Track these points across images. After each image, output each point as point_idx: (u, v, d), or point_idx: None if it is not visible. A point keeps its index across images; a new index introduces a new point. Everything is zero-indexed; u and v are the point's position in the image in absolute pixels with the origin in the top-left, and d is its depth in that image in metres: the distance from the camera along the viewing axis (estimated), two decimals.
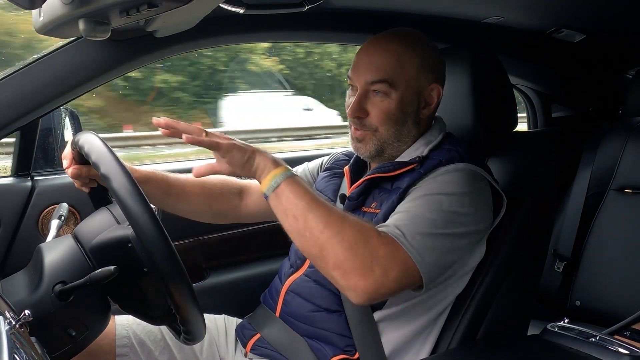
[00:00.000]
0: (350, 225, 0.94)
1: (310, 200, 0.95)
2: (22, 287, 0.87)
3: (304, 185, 0.97)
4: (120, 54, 1.24)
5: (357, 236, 0.92)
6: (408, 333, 1.09)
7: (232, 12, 1.25)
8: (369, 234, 0.94)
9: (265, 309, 1.24)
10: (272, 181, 0.95)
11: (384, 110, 1.09)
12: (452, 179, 1.03)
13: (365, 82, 1.10)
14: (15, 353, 0.61)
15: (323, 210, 0.94)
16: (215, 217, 1.34)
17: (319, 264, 0.96)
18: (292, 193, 0.95)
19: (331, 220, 0.93)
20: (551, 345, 1.03)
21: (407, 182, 1.07)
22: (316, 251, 0.93)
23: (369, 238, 0.93)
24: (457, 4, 1.49)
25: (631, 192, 1.80)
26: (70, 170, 1.08)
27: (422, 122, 1.15)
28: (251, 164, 0.97)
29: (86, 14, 0.84)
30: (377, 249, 0.93)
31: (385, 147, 1.13)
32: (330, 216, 0.94)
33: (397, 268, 0.93)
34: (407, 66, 1.09)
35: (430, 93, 1.13)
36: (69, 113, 1.49)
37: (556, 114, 2.26)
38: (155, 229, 0.78)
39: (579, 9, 1.63)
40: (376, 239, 0.93)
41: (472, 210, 1.02)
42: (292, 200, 0.94)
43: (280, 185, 0.95)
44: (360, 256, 0.91)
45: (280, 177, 0.95)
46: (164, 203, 1.24)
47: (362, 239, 0.93)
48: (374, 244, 0.93)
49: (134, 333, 1.21)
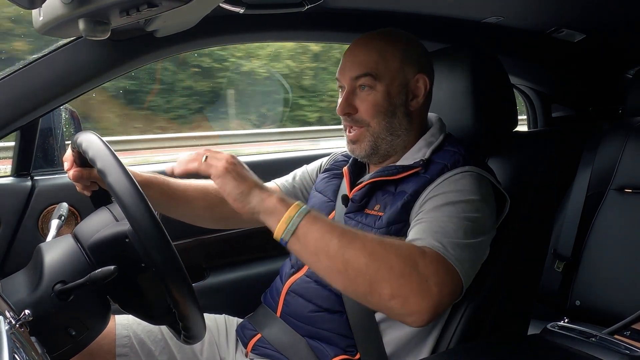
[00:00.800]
0: (393, 250, 0.88)
1: (341, 235, 0.87)
2: (22, 287, 0.87)
3: (325, 218, 0.90)
4: (120, 54, 1.24)
5: (404, 260, 0.87)
6: (409, 333, 1.09)
7: (232, 12, 1.24)
8: (414, 253, 0.90)
9: (266, 309, 1.24)
10: (289, 224, 0.85)
11: (372, 103, 1.11)
12: (463, 187, 1.03)
13: (351, 79, 1.12)
14: (15, 353, 0.61)
15: (359, 242, 0.87)
16: (216, 222, 1.34)
17: (371, 300, 0.88)
18: (318, 232, 0.86)
19: (372, 250, 0.87)
20: (551, 345, 1.03)
21: (413, 187, 1.07)
22: (365, 287, 0.86)
23: (415, 258, 0.89)
24: (457, 4, 1.49)
25: (631, 192, 1.80)
26: (71, 173, 1.08)
27: (414, 115, 1.16)
28: (247, 201, 0.87)
29: (86, 13, 0.84)
30: (427, 267, 0.89)
31: (379, 143, 1.14)
32: (369, 245, 0.87)
33: (449, 281, 0.91)
34: (390, 58, 1.12)
35: (416, 84, 1.14)
36: (69, 113, 1.50)
37: (556, 114, 2.27)
38: (151, 221, 0.77)
39: (579, 9, 1.63)
40: (422, 258, 0.89)
41: (487, 214, 1.03)
42: (321, 240, 0.86)
43: (301, 226, 0.86)
44: (415, 279, 0.87)
45: (297, 218, 0.86)
46: (166, 208, 1.24)
47: (410, 261, 0.88)
48: (423, 263, 0.89)
49: (134, 333, 1.21)
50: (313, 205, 1.27)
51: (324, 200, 1.24)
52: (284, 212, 0.86)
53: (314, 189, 1.31)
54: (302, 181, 1.38)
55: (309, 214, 0.87)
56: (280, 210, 0.86)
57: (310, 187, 1.36)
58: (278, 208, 0.87)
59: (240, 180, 0.87)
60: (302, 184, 1.37)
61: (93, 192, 1.12)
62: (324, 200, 1.24)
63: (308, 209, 0.88)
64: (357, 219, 1.12)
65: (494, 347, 1.09)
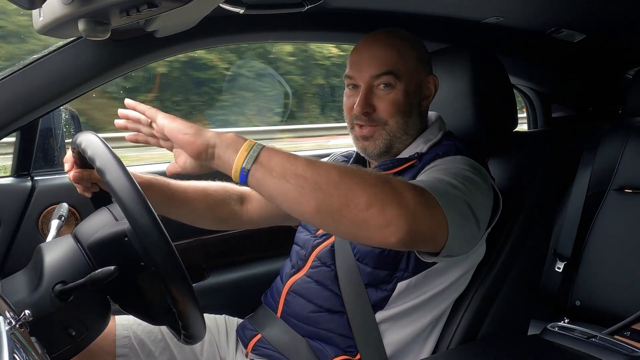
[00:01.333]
0: (365, 170, 0.84)
1: (306, 158, 0.81)
2: (22, 287, 0.87)
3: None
4: (120, 54, 1.24)
5: (375, 175, 0.82)
6: (410, 334, 1.09)
7: (232, 12, 1.24)
8: (389, 176, 0.84)
9: (266, 309, 1.24)
10: (250, 151, 0.80)
11: (392, 102, 1.10)
12: (457, 162, 1.01)
13: (370, 77, 1.10)
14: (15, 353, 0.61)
15: (327, 164, 0.82)
16: (217, 223, 1.34)
17: (347, 214, 0.79)
18: (282, 156, 0.80)
19: (341, 166, 0.82)
20: (551, 345, 1.03)
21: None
22: (341, 199, 0.79)
23: (387, 176, 0.84)
24: (457, 4, 1.49)
25: (631, 192, 1.80)
26: (72, 174, 1.08)
27: (423, 114, 1.17)
28: (200, 134, 0.82)
29: (86, 14, 0.84)
30: (399, 183, 0.84)
31: (394, 142, 1.13)
32: (339, 165, 0.82)
33: (425, 205, 0.83)
34: (408, 58, 1.11)
35: (428, 85, 1.16)
36: (68, 113, 1.49)
37: (556, 114, 2.27)
38: (149, 218, 0.77)
39: (579, 9, 1.63)
40: (398, 181, 0.84)
41: (483, 190, 0.98)
42: (287, 161, 0.79)
43: (263, 152, 0.80)
44: (389, 189, 0.81)
45: (257, 146, 0.81)
46: (166, 209, 1.24)
47: (382, 177, 0.83)
48: (394, 180, 0.84)
49: (134, 333, 1.21)
50: None
51: None
52: (242, 142, 0.81)
53: None
54: None
55: (268, 145, 0.82)
56: (238, 140, 0.81)
57: None
58: (236, 139, 0.82)
59: (188, 123, 0.84)
60: None
61: (94, 194, 1.12)
62: None
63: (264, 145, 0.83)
64: None
65: (494, 347, 1.09)
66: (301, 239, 1.24)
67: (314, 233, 1.21)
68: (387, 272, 1.07)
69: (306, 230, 1.24)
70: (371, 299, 1.08)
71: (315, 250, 1.17)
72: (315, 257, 1.17)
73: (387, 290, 1.07)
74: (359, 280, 1.09)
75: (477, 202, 0.95)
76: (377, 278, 1.08)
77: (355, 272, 1.09)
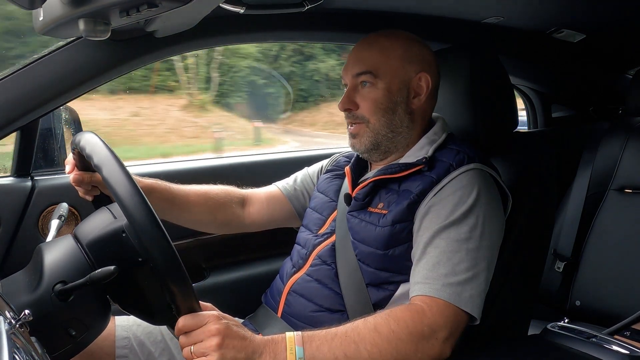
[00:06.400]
0: (394, 335, 0.93)
1: (341, 338, 0.92)
2: (22, 287, 0.87)
3: (316, 332, 0.93)
4: (120, 54, 1.24)
5: (408, 334, 0.93)
6: None
7: (232, 12, 1.24)
8: (415, 322, 0.94)
9: (266, 309, 1.24)
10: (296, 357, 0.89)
11: (372, 100, 1.13)
12: (469, 191, 1.04)
13: (352, 76, 1.15)
14: (15, 353, 0.61)
15: (358, 340, 0.92)
16: (219, 227, 1.35)
17: None
18: (318, 350, 0.90)
19: (371, 339, 0.92)
20: (551, 345, 1.02)
21: (419, 187, 1.07)
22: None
23: (418, 326, 0.94)
24: (457, 4, 1.49)
25: (631, 192, 1.79)
26: (73, 177, 1.08)
27: (416, 112, 1.17)
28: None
29: (86, 14, 0.85)
30: (434, 319, 0.95)
31: (380, 140, 1.15)
32: (368, 335, 0.92)
33: (460, 323, 0.98)
34: (391, 56, 1.14)
35: (418, 82, 1.16)
36: (68, 113, 1.49)
37: (556, 114, 2.27)
38: (146, 212, 0.77)
39: (579, 9, 1.63)
40: (423, 316, 0.95)
41: (493, 221, 1.05)
42: (328, 352, 0.90)
43: (305, 353, 0.90)
44: (426, 345, 0.94)
45: (298, 349, 0.90)
46: (168, 213, 1.24)
47: (415, 334, 0.93)
48: (427, 321, 0.94)
49: (133, 334, 1.21)
50: (315, 206, 1.27)
51: (326, 200, 1.25)
52: (281, 347, 0.89)
53: (316, 190, 1.31)
54: (303, 183, 1.38)
55: (300, 335, 0.91)
56: (279, 349, 0.89)
57: (311, 189, 1.36)
58: (270, 347, 0.89)
59: (238, 346, 0.87)
60: (303, 186, 1.38)
61: (95, 197, 1.13)
62: (326, 200, 1.25)
63: (296, 332, 0.92)
64: (360, 217, 1.12)
65: (494, 347, 1.09)
66: (302, 239, 1.24)
67: (315, 232, 1.21)
68: (390, 274, 1.07)
69: (308, 230, 1.25)
70: (372, 299, 1.08)
71: (316, 249, 1.18)
72: (315, 256, 1.17)
73: (389, 290, 1.08)
74: (360, 279, 1.09)
75: (492, 244, 1.04)
76: (379, 278, 1.08)
77: (357, 272, 1.09)
